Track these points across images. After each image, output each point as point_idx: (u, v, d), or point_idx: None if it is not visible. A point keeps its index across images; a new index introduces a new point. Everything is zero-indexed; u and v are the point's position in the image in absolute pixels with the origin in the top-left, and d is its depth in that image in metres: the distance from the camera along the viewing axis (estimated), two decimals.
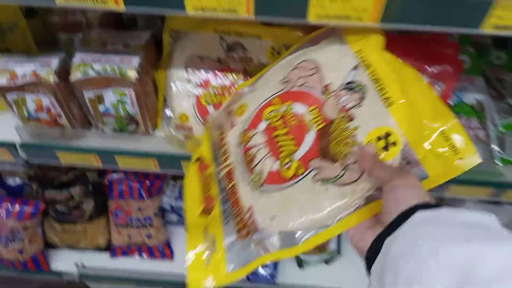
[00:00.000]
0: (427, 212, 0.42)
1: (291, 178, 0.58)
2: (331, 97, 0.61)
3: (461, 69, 0.80)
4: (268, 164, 0.60)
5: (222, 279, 0.58)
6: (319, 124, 0.59)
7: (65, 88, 0.79)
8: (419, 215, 0.42)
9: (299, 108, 0.62)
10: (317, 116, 0.59)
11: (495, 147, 0.84)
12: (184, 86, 0.85)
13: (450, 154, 0.55)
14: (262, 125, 0.64)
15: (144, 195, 1.21)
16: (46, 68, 0.77)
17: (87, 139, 0.88)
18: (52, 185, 1.15)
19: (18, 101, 0.80)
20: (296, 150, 0.59)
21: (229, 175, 0.64)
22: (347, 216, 0.54)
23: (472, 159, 0.54)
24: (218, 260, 0.60)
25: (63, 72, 0.79)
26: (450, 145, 0.55)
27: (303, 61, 0.69)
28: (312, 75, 0.65)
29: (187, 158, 0.86)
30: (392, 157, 0.54)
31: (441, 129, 0.56)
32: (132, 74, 0.77)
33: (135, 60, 0.79)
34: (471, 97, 0.87)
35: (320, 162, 0.56)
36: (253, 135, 0.63)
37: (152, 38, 0.85)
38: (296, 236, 0.55)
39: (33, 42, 0.92)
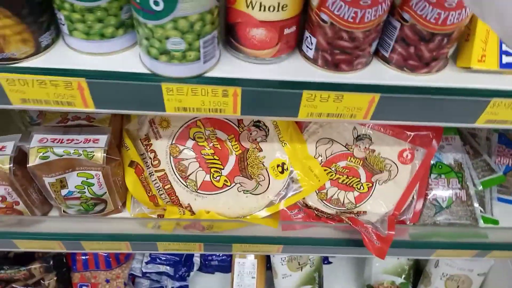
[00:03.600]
0: None
1: (221, 188, 0.80)
2: (244, 130, 0.80)
3: (441, 134, 0.79)
4: (201, 175, 0.79)
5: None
6: (238, 150, 0.80)
7: (23, 174, 0.71)
8: None
9: (221, 135, 0.80)
10: (236, 144, 0.80)
11: (476, 206, 0.84)
12: None
13: (314, 178, 0.80)
14: (190, 143, 0.79)
15: (112, 264, 1.11)
16: None
17: (49, 224, 0.79)
18: (8, 262, 1.03)
19: None
20: (223, 168, 0.80)
21: (164, 178, 0.79)
22: (258, 212, 0.81)
23: (324, 179, 0.81)
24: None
25: (20, 157, 0.70)
26: (314, 173, 0.80)
27: None
28: None
29: (164, 238, 0.80)
30: (284, 177, 0.81)
31: (309, 165, 0.81)
32: (100, 156, 0.70)
33: (103, 139, 0.72)
34: (449, 157, 0.87)
35: (242, 178, 0.80)
36: (183, 150, 0.79)
37: None
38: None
39: None
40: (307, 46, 0.51)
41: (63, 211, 0.80)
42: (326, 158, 0.80)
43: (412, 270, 1.13)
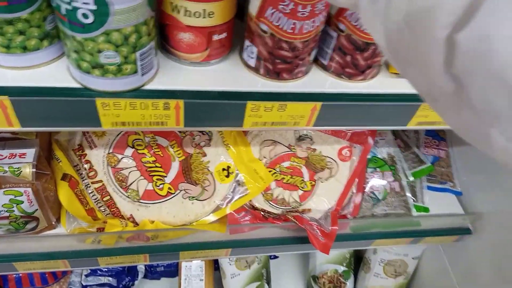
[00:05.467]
0: None
1: (165, 196, 0.76)
2: (187, 135, 0.78)
3: (375, 131, 0.84)
4: (143, 184, 0.76)
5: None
6: (181, 156, 0.77)
7: None
8: None
9: (162, 142, 0.77)
10: (178, 150, 0.77)
11: (409, 195, 0.90)
12: None
13: (259, 180, 0.80)
14: (129, 151, 0.75)
15: (48, 280, 1.04)
16: None
17: None
18: None
19: None
20: (166, 175, 0.77)
21: (102, 190, 0.75)
22: (205, 217, 0.79)
23: (269, 180, 0.81)
24: None
25: None
26: (259, 175, 0.80)
27: None
28: None
29: (105, 253, 0.76)
30: (230, 181, 0.79)
31: (254, 167, 0.81)
32: (28, 171, 0.65)
33: (30, 153, 0.66)
34: (383, 151, 0.92)
35: (187, 185, 0.77)
36: (121, 158, 0.75)
37: None
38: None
39: None
40: (248, 55, 0.50)
41: None
42: (270, 159, 0.81)
43: (352, 257, 1.18)
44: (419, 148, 0.99)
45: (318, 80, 0.53)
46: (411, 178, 0.92)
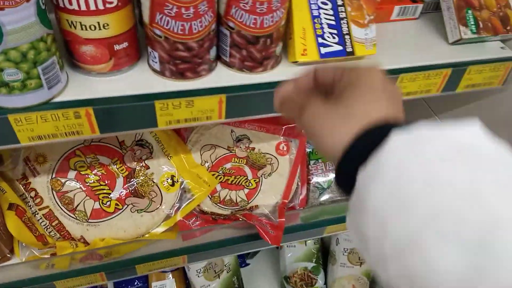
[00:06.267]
0: (404, 135, 0.29)
1: (113, 212, 0.79)
2: (128, 151, 0.80)
3: None
4: (89, 204, 0.78)
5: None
6: (124, 172, 0.80)
7: None
8: (396, 139, 0.29)
9: (104, 160, 0.79)
10: (121, 166, 0.80)
11: None
12: None
13: (204, 184, 0.84)
14: (72, 173, 0.77)
15: None
16: None
17: None
18: None
19: None
20: (112, 192, 0.79)
21: (49, 215, 0.76)
22: (156, 228, 0.82)
23: (214, 183, 0.85)
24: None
25: None
26: (203, 180, 0.84)
27: None
28: None
29: (60, 277, 0.77)
30: (176, 189, 0.83)
31: (197, 173, 0.84)
32: None
33: None
34: None
35: (134, 199, 0.80)
36: (65, 182, 0.77)
37: None
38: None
39: None
40: (152, 60, 0.55)
41: None
42: (212, 163, 0.85)
43: (320, 252, 1.21)
44: None
45: (222, 76, 0.57)
46: None
